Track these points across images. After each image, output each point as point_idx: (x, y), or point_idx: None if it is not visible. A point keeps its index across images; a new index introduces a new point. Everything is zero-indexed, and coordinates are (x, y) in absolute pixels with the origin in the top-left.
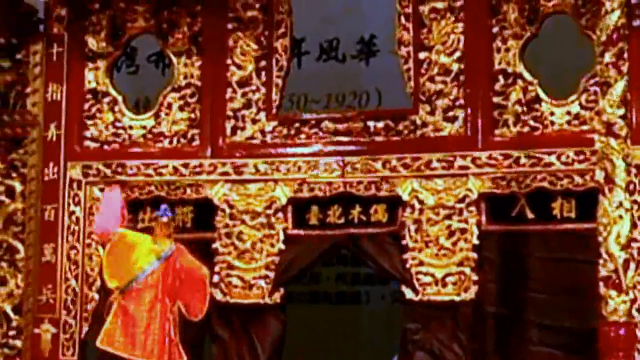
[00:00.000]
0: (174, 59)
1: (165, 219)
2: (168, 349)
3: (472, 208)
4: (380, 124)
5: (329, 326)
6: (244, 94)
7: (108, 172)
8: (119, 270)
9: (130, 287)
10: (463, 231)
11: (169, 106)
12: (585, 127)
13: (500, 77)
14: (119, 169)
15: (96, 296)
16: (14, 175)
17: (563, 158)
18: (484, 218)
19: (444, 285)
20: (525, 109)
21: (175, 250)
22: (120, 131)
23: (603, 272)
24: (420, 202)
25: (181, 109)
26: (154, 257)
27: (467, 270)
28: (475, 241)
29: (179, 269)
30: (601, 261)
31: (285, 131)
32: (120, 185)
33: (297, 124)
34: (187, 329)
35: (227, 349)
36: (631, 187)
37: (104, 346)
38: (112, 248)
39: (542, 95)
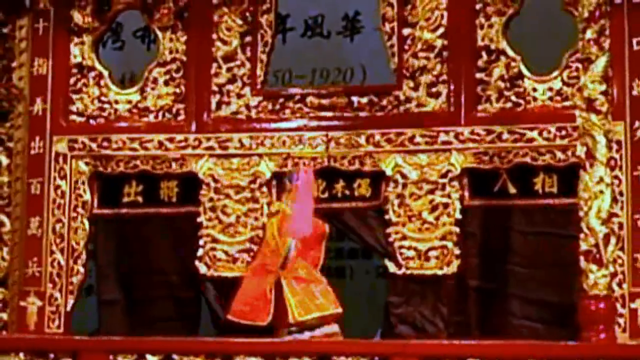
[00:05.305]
0: (159, 34)
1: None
2: None
3: (455, 183)
4: (364, 100)
5: None
6: (229, 69)
7: (94, 146)
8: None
9: (287, 260)
10: (446, 206)
11: (155, 81)
12: (567, 103)
13: (483, 54)
14: (105, 143)
15: (82, 269)
16: (0, 149)
17: (545, 134)
18: (466, 193)
19: (427, 259)
20: (507, 85)
21: None
22: (106, 106)
23: (584, 247)
24: (404, 176)
25: (166, 83)
26: None
27: (450, 244)
28: (458, 216)
29: None
30: (582, 236)
31: (270, 106)
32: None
33: (281, 99)
34: (180, 303)
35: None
36: (612, 162)
37: (302, 318)
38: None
39: (525, 71)
